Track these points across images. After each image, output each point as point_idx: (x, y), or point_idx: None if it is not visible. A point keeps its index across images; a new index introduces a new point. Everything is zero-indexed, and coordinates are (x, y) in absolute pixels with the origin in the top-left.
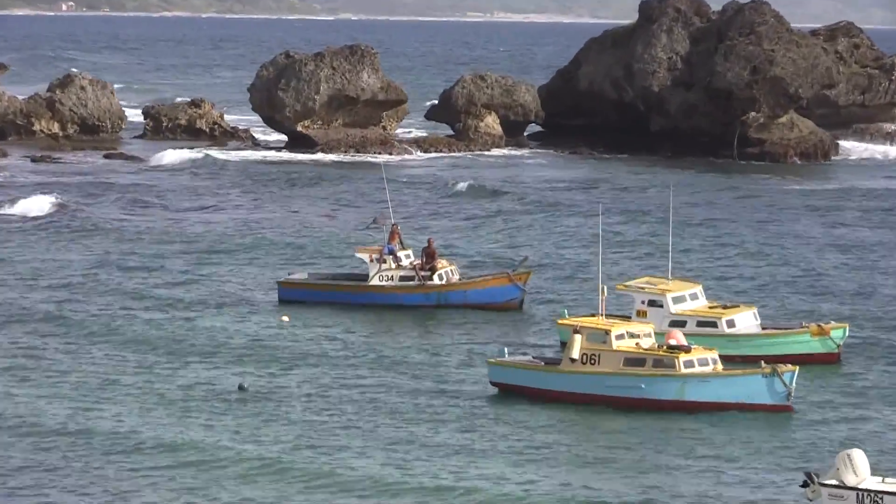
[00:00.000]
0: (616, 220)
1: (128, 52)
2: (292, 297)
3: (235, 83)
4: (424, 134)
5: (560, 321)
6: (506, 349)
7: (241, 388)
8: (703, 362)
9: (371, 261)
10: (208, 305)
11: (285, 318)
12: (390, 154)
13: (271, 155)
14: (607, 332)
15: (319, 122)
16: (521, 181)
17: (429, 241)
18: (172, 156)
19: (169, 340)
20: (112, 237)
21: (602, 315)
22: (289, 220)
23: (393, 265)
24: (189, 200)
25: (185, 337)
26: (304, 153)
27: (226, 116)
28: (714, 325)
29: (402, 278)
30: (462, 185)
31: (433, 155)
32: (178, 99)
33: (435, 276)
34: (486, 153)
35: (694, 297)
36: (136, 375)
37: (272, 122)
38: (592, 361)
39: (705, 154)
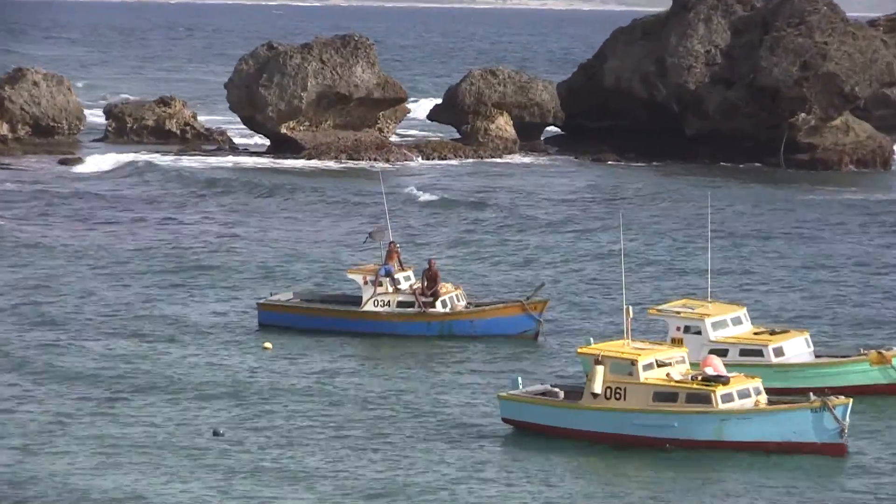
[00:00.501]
0: (647, 237)
1: (80, 44)
2: (274, 321)
3: (210, 79)
4: (440, 136)
5: (581, 349)
6: (519, 379)
7: (215, 433)
8: (744, 394)
9: (365, 283)
10: (174, 333)
11: (267, 346)
12: (388, 160)
13: (251, 161)
14: (633, 363)
15: (307, 124)
16: (536, 192)
17: (430, 262)
18: (101, 161)
19: (128, 376)
20: (55, 255)
21: (628, 341)
22: (270, 236)
23: (390, 289)
24: (151, 212)
25: (148, 372)
26: (288, 159)
27: (199, 117)
28: (759, 353)
29: (400, 304)
30: (428, 196)
31: (437, 162)
32: (124, 95)
33: (438, 303)
34: (497, 160)
35: (737, 321)
36: (90, 417)
37: (252, 124)
38: (617, 396)
39: (748, 161)
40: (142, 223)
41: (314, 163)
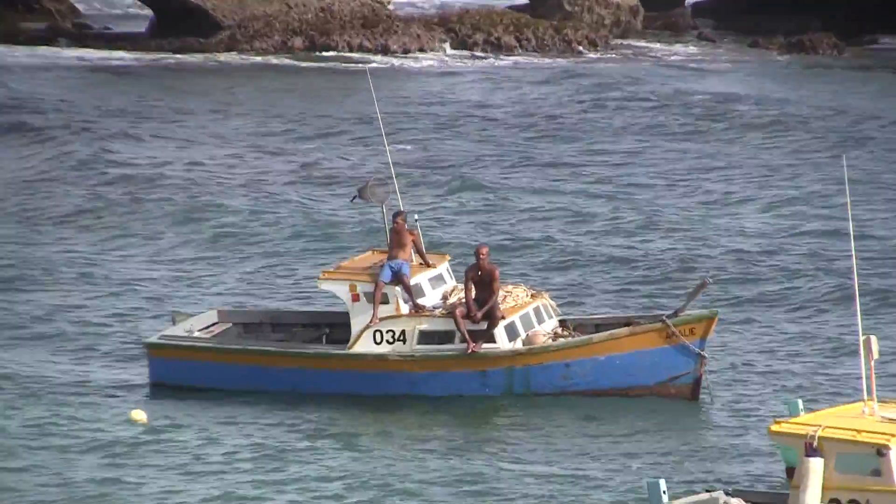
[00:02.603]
0: (881, 193)
1: None
2: (177, 376)
3: None
4: (487, 5)
5: (776, 427)
6: (662, 483)
7: None
8: None
9: (355, 299)
10: None
11: (138, 419)
12: (385, 52)
13: (116, 56)
14: (881, 453)
15: None
16: (672, 116)
17: (478, 252)
18: None
19: None
20: None
21: (870, 404)
22: (158, 199)
23: (404, 305)
24: None
25: None
26: (191, 52)
27: None
28: None
29: (424, 337)
30: (463, 123)
31: (481, 57)
32: None
33: (498, 331)
34: (599, 54)
35: None
36: None
37: None
38: None
39: None
40: None
41: (242, 57)
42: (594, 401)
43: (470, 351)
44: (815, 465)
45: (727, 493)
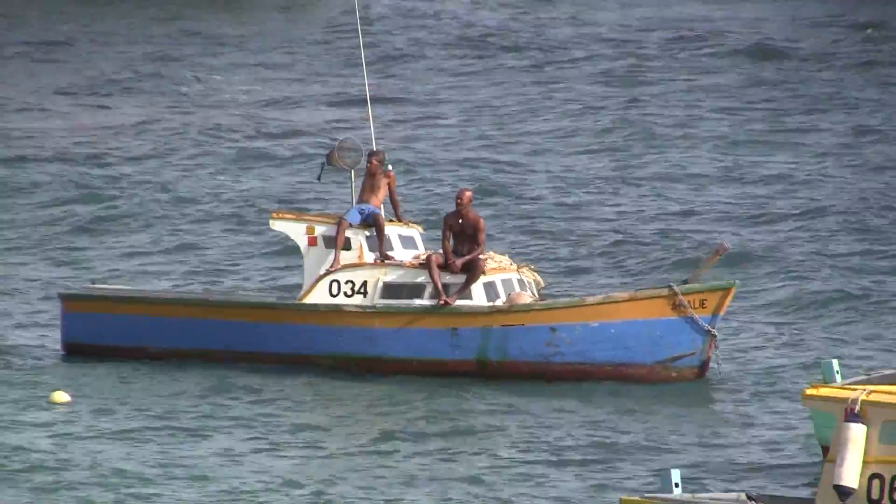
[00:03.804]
0: None
1: None
2: (94, 334)
3: None
4: None
5: (812, 391)
6: (674, 473)
7: None
8: None
9: (311, 243)
10: None
11: (58, 399)
12: None
13: None
14: None
15: None
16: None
17: (459, 196)
18: None
19: None
20: None
21: None
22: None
23: (368, 256)
24: None
25: None
26: None
27: None
28: None
29: (388, 289)
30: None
31: None
32: None
33: (477, 287)
34: None
35: None
36: None
37: None
38: None
39: None
40: None
41: None
42: (580, 382)
43: (441, 302)
44: (856, 433)
45: (750, 498)
